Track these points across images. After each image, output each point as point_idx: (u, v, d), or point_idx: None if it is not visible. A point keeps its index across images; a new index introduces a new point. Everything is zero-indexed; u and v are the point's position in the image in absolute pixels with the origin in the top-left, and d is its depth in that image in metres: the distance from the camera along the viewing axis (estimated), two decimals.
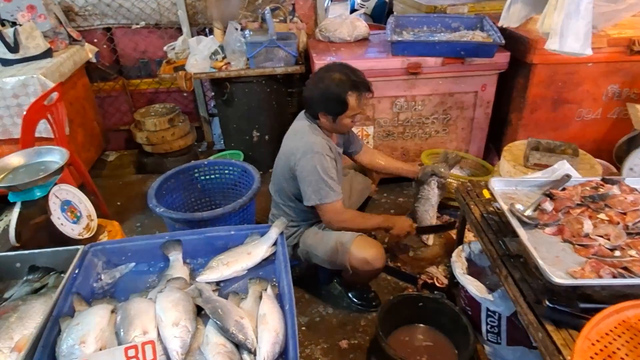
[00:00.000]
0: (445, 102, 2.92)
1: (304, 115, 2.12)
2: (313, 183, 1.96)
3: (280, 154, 2.13)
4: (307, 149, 1.95)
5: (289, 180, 2.09)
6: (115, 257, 1.70)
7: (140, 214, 3.09)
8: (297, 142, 2.00)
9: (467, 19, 3.11)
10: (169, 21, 3.56)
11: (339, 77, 1.92)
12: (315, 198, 1.97)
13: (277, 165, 2.19)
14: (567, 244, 1.28)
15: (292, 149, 2.01)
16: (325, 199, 1.97)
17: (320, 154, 1.95)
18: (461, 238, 2.04)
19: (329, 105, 1.95)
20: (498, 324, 1.70)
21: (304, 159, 1.95)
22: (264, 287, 1.59)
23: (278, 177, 2.18)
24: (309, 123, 2.06)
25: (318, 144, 1.97)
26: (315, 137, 2.00)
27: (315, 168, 1.93)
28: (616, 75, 2.74)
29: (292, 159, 2.00)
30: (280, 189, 2.20)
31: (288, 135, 2.13)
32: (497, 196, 1.44)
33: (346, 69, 1.97)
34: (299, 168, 1.97)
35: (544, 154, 1.67)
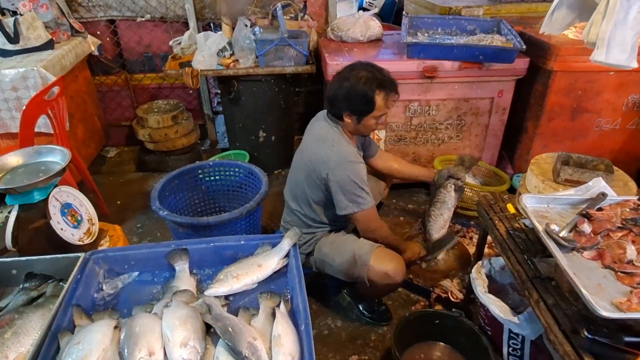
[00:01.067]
0: (460, 107, 2.83)
1: (325, 116, 2.03)
2: (349, 193, 1.90)
3: (306, 160, 2.01)
4: (341, 158, 1.89)
5: (314, 188, 2.01)
6: (118, 265, 1.61)
7: (141, 214, 2.99)
8: (328, 150, 1.92)
9: (484, 22, 3.02)
10: (175, 15, 3.45)
11: (365, 76, 1.85)
12: (353, 206, 1.92)
13: (299, 171, 2.08)
14: (609, 270, 1.20)
15: (322, 157, 1.92)
16: (362, 206, 1.92)
17: (354, 163, 1.91)
18: (481, 253, 1.95)
19: (355, 104, 1.88)
20: (521, 347, 1.61)
21: (339, 169, 1.88)
22: (276, 303, 1.50)
23: (299, 183, 2.08)
24: (334, 127, 1.97)
25: (351, 153, 1.93)
26: (346, 145, 1.94)
27: (350, 177, 1.88)
28: (638, 85, 2.66)
29: (323, 168, 1.91)
30: (298, 195, 2.10)
31: (314, 140, 2.02)
32: (529, 214, 1.35)
33: (372, 67, 1.89)
34: (333, 178, 1.89)
35: (576, 170, 1.58)
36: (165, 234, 2.73)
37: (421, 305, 2.25)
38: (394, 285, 1.98)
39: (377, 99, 1.86)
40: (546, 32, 1.63)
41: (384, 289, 2.03)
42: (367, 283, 1.94)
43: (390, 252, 1.97)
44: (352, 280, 2.01)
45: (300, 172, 2.06)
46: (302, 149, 2.09)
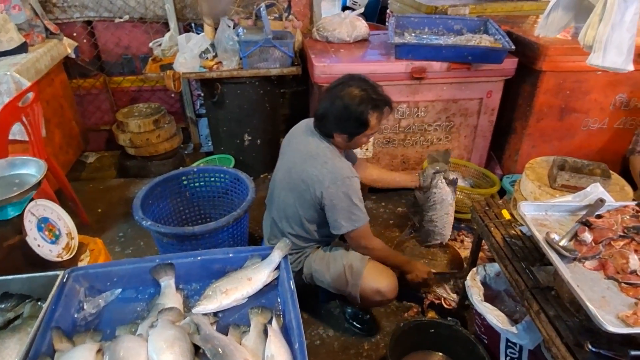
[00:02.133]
0: (449, 108, 2.80)
1: (312, 130, 1.91)
2: (345, 210, 1.81)
3: (296, 180, 1.89)
4: (335, 175, 1.79)
5: (307, 208, 1.90)
6: (100, 282, 1.53)
7: (123, 222, 2.89)
8: (321, 168, 1.81)
9: (470, 21, 3.00)
10: (154, 15, 3.35)
11: (359, 95, 1.74)
12: (348, 225, 1.83)
13: (288, 192, 1.95)
14: (612, 281, 1.16)
15: (316, 176, 1.81)
16: (355, 223, 1.83)
17: (350, 178, 1.81)
18: (475, 260, 1.92)
19: (348, 125, 1.79)
20: (519, 356, 1.58)
21: (334, 187, 1.78)
22: (267, 318, 1.44)
23: (289, 204, 1.96)
24: (324, 142, 1.87)
25: (345, 168, 1.83)
26: (340, 160, 1.85)
27: (347, 194, 1.79)
28: (625, 84, 2.67)
29: (317, 187, 1.81)
30: (290, 216, 1.98)
31: (303, 157, 1.89)
32: (529, 223, 1.31)
33: (365, 84, 1.79)
34: (328, 196, 1.80)
35: (573, 175, 1.55)
36: (149, 243, 2.64)
37: (414, 312, 2.21)
38: (386, 301, 1.93)
39: (371, 119, 1.78)
40: (542, 35, 1.61)
41: (376, 304, 1.99)
42: (359, 300, 1.89)
43: (382, 267, 1.90)
44: (344, 294, 1.96)
45: (290, 192, 1.93)
46: (288, 167, 1.95)
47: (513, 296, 1.76)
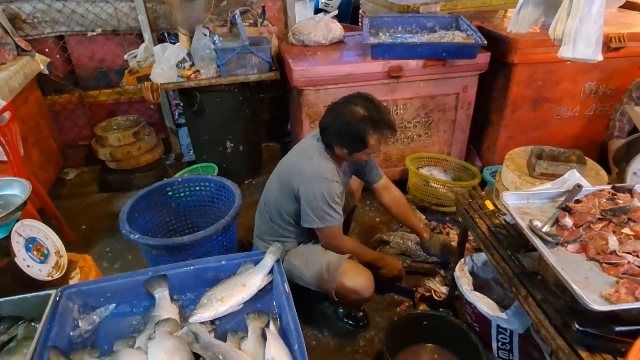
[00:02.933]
0: (427, 105, 2.86)
1: (317, 135, 1.97)
2: (318, 208, 1.86)
3: (283, 169, 1.99)
4: (316, 173, 1.85)
5: (286, 198, 1.96)
6: (93, 299, 1.53)
7: (109, 237, 2.86)
8: (306, 163, 1.88)
9: (442, 19, 3.07)
10: (127, 27, 3.32)
11: (362, 114, 1.78)
12: (319, 222, 1.88)
13: (275, 178, 2.04)
14: (594, 262, 1.22)
15: (298, 169, 1.89)
16: (327, 222, 1.88)
17: (330, 180, 1.85)
18: (462, 251, 1.97)
19: (348, 141, 1.84)
20: (510, 341, 1.63)
21: (312, 183, 1.84)
22: (264, 322, 1.46)
23: (272, 190, 2.04)
24: (321, 146, 1.93)
25: (328, 170, 1.87)
26: (326, 161, 1.89)
27: (322, 194, 1.84)
28: (593, 72, 2.77)
29: (295, 179, 1.88)
30: (271, 202, 2.05)
31: (295, 152, 2.01)
32: (512, 212, 1.36)
33: (370, 104, 1.82)
34: (304, 190, 1.85)
35: (550, 163, 1.61)
36: (138, 256, 2.62)
37: (406, 305, 2.25)
38: (363, 300, 1.95)
39: (371, 140, 1.81)
40: (514, 30, 1.66)
41: (352, 303, 2.02)
42: (335, 298, 1.91)
43: (359, 266, 1.93)
44: (323, 292, 1.98)
45: (277, 181, 2.03)
46: (285, 159, 2.06)
47: (501, 283, 1.81)
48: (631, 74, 2.71)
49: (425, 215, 2.80)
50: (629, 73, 2.74)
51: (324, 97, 2.71)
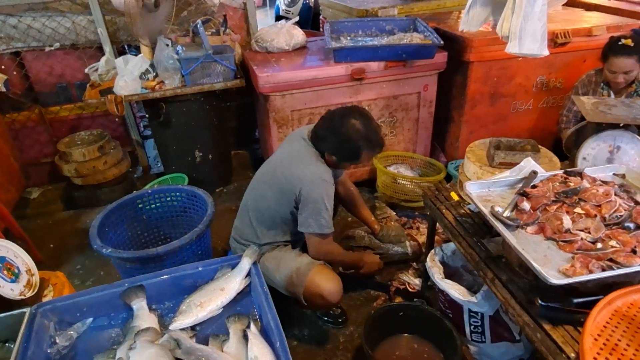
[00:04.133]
0: (391, 105, 2.95)
1: (305, 137, 2.02)
2: (315, 212, 1.90)
3: (279, 177, 1.99)
4: (316, 176, 1.90)
5: (283, 204, 1.99)
6: (69, 314, 1.51)
7: (79, 254, 2.80)
8: (303, 168, 1.92)
9: (400, 21, 3.17)
10: (87, 40, 3.27)
11: (361, 130, 1.88)
12: (316, 227, 1.92)
13: (268, 186, 2.05)
14: (551, 241, 1.31)
15: (297, 174, 1.92)
16: (324, 229, 1.93)
17: (327, 183, 1.92)
18: (432, 242, 2.05)
19: (342, 152, 1.93)
20: (481, 323, 1.72)
21: (312, 186, 1.88)
22: (245, 324, 1.48)
23: (265, 198, 2.05)
24: (313, 150, 1.98)
25: (325, 172, 1.94)
26: (322, 165, 1.96)
27: (322, 197, 1.89)
28: (543, 67, 2.93)
29: (296, 184, 1.91)
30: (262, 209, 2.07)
31: (289, 158, 2.02)
32: (475, 200, 1.44)
33: (369, 122, 1.92)
34: (305, 193, 1.89)
35: (507, 153, 1.71)
36: (111, 271, 2.58)
37: (382, 300, 2.31)
38: (330, 305, 1.99)
39: (364, 155, 1.93)
40: (465, 29, 1.76)
41: (320, 307, 2.08)
42: (304, 302, 1.96)
43: (328, 271, 1.97)
44: (292, 296, 2.01)
45: (269, 187, 2.03)
46: (274, 165, 2.06)
47: (470, 270, 1.90)
48: (577, 67, 2.89)
49: (395, 212, 2.88)
50: (576, 66, 2.92)
51: (290, 102, 2.76)
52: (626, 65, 2.35)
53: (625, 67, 2.35)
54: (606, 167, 1.62)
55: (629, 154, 1.74)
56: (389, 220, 2.79)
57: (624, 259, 1.18)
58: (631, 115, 1.72)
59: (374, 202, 3.06)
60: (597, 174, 1.56)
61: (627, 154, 1.74)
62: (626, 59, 2.34)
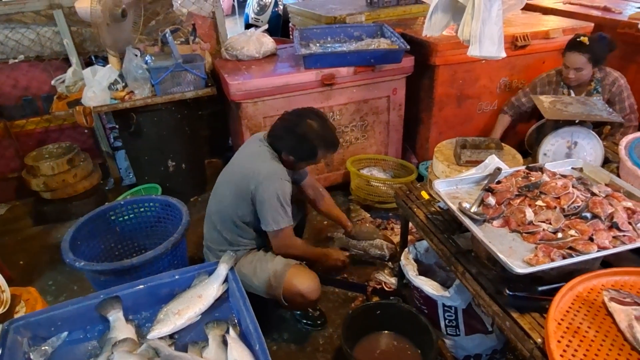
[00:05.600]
0: (361, 109, 3.01)
1: (261, 139, 2.06)
2: (272, 209, 1.92)
3: (236, 175, 2.02)
4: (271, 173, 1.93)
5: (241, 203, 2.00)
6: (43, 329, 1.48)
7: (51, 270, 2.74)
8: (259, 165, 1.95)
9: (368, 27, 3.24)
10: (52, 52, 3.22)
11: (316, 130, 1.94)
12: (273, 224, 1.95)
13: (226, 185, 2.07)
14: (515, 233, 1.37)
15: (253, 170, 1.94)
16: (281, 224, 1.95)
17: (283, 180, 1.95)
18: (405, 240, 2.10)
19: (300, 151, 1.98)
20: (455, 317, 1.77)
21: (267, 183, 1.91)
22: (224, 330, 1.49)
23: (224, 198, 2.06)
24: (270, 149, 2.01)
25: (281, 170, 1.97)
26: (277, 163, 1.98)
27: (277, 194, 1.91)
28: (505, 69, 3.05)
29: (252, 181, 1.93)
30: (222, 210, 2.08)
31: (245, 157, 2.07)
32: (443, 197, 1.50)
33: (324, 122, 1.98)
34: (261, 191, 1.91)
35: (473, 151, 1.78)
36: (84, 285, 2.54)
37: (360, 300, 2.34)
38: (310, 303, 2.02)
39: (320, 154, 1.99)
40: (428, 34, 1.83)
41: (301, 306, 2.10)
42: (284, 302, 1.98)
43: (305, 270, 2.00)
44: (272, 298, 2.03)
45: (227, 186, 2.06)
46: (232, 165, 2.10)
47: (443, 266, 1.96)
48: (537, 68, 3.02)
49: (370, 214, 2.93)
50: (536, 67, 3.05)
51: (262, 108, 2.78)
52: (577, 62, 2.45)
53: (576, 64, 2.46)
54: (565, 162, 1.70)
55: (585, 149, 1.84)
56: (364, 222, 2.84)
57: (583, 247, 1.25)
58: (586, 112, 1.82)
59: (348, 205, 3.10)
60: (557, 169, 1.64)
61: (584, 149, 1.84)
62: (578, 56, 2.44)
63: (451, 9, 1.70)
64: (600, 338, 1.11)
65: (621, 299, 1.16)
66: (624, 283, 1.26)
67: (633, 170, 1.66)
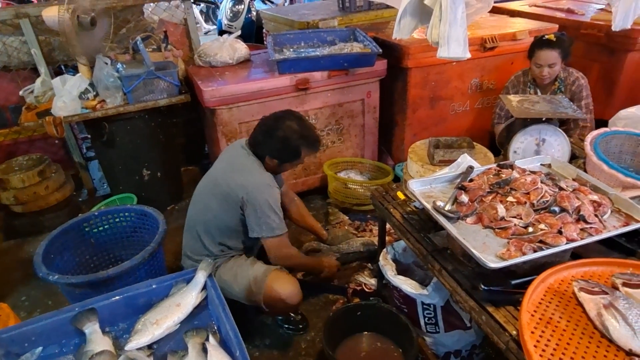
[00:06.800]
0: (337, 112, 3.03)
1: (243, 146, 2.06)
2: (264, 216, 1.93)
3: (223, 186, 2.00)
4: (259, 182, 1.94)
5: (230, 213, 2.00)
6: (16, 345, 1.45)
7: (24, 285, 2.66)
8: (247, 175, 1.96)
9: (341, 32, 3.28)
10: (20, 62, 3.14)
11: (297, 130, 1.96)
12: (267, 230, 1.95)
13: (211, 196, 2.05)
14: (488, 229, 1.40)
15: (241, 182, 1.94)
16: (276, 231, 1.96)
17: (272, 187, 1.96)
18: (383, 241, 2.12)
19: (283, 153, 2.00)
20: (434, 314, 1.80)
21: (257, 192, 1.92)
22: (204, 338, 1.48)
23: (210, 209, 2.05)
24: (252, 156, 2.02)
25: (268, 178, 1.99)
26: (263, 172, 2.00)
27: (268, 201, 1.92)
28: (475, 70, 3.12)
29: (240, 192, 1.93)
30: (208, 220, 2.06)
31: (230, 168, 2.05)
32: (418, 197, 1.52)
33: (303, 122, 2.02)
34: (250, 201, 1.92)
35: (446, 151, 1.82)
36: (59, 299, 2.47)
37: (341, 302, 2.35)
38: (291, 308, 2.02)
39: (304, 153, 2.02)
40: (398, 37, 1.87)
41: (282, 311, 2.10)
42: (265, 308, 1.97)
43: (284, 275, 2.00)
44: (253, 304, 2.02)
45: (212, 197, 2.04)
46: (215, 176, 2.08)
47: (420, 265, 1.99)
48: (507, 69, 3.10)
49: (348, 216, 2.95)
50: (505, 68, 3.13)
51: (237, 114, 2.77)
52: (550, 58, 2.55)
53: (550, 60, 2.56)
54: (534, 159, 1.76)
55: (553, 146, 1.90)
56: (343, 225, 2.85)
57: (552, 240, 1.29)
58: (552, 110, 1.88)
59: (326, 209, 3.12)
60: (527, 165, 1.69)
61: (551, 146, 1.90)
62: (550, 52, 2.55)
63: (419, 13, 1.74)
64: (571, 327, 1.15)
65: (590, 289, 1.20)
66: (593, 273, 1.31)
67: (598, 165, 1.72)
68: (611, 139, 1.90)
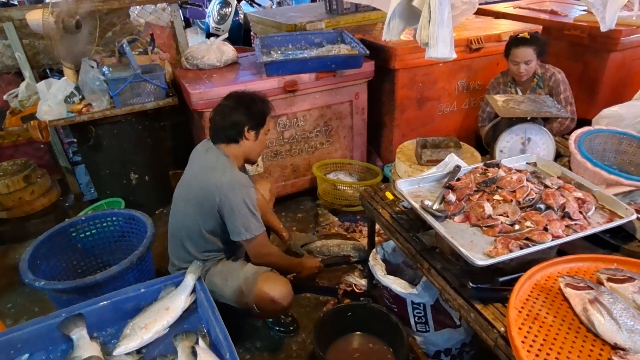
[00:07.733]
0: (325, 114, 3.04)
1: (210, 147, 2.04)
2: (242, 217, 1.91)
3: (196, 190, 1.97)
4: (234, 182, 1.90)
5: (207, 216, 1.97)
6: (2, 353, 1.43)
7: (9, 292, 2.62)
8: (220, 176, 1.91)
9: (328, 34, 3.29)
10: (4, 66, 3.10)
11: (249, 95, 2.00)
12: (246, 232, 1.93)
13: (187, 202, 2.02)
14: (476, 227, 1.42)
15: (215, 183, 1.90)
16: (254, 232, 1.94)
17: (247, 187, 1.93)
18: (372, 241, 2.13)
19: (254, 118, 1.97)
20: (424, 313, 1.81)
21: (232, 193, 1.88)
22: (193, 341, 1.47)
23: (188, 214, 2.02)
24: (222, 156, 1.98)
25: (243, 177, 1.96)
26: (237, 172, 1.96)
27: (245, 202, 1.89)
28: (462, 71, 3.15)
29: (216, 194, 1.89)
30: (189, 226, 2.03)
31: (202, 170, 2.00)
32: (406, 196, 1.53)
33: (244, 92, 2.04)
34: (227, 202, 1.88)
35: (433, 150, 1.84)
36: (46, 306, 2.44)
37: (331, 304, 2.35)
38: (283, 309, 1.99)
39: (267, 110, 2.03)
40: (387, 39, 1.88)
41: (273, 313, 2.08)
42: (257, 310, 1.95)
43: (275, 276, 1.99)
44: (244, 307, 2.00)
45: (189, 203, 2.01)
46: (189, 181, 2.05)
47: (410, 265, 1.99)
48: (492, 70, 3.13)
49: (338, 217, 2.96)
50: (491, 69, 3.16)
51: None
52: (526, 55, 2.60)
53: (526, 57, 2.61)
54: (520, 157, 1.78)
55: (538, 144, 1.92)
56: (332, 227, 2.86)
57: (538, 237, 1.30)
58: (536, 109, 1.90)
59: (316, 210, 3.12)
60: (513, 164, 1.72)
61: (537, 144, 1.93)
62: (525, 49, 2.60)
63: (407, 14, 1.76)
64: (558, 323, 1.16)
65: (575, 285, 1.22)
66: (578, 269, 1.33)
67: (582, 163, 1.75)
68: (595, 137, 1.93)
